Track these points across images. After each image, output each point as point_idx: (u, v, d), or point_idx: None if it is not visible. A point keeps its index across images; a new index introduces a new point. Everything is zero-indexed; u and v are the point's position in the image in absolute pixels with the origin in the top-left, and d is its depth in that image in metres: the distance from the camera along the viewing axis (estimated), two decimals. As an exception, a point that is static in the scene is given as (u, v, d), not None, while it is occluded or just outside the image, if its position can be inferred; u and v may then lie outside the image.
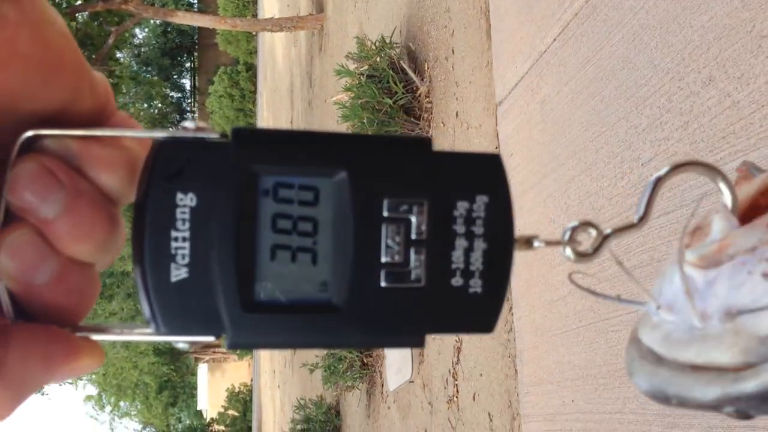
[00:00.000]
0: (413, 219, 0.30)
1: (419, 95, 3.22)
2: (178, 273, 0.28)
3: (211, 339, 0.29)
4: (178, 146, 0.28)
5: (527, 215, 2.03)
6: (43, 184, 0.26)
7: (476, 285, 0.31)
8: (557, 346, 1.82)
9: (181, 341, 0.29)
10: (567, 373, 1.77)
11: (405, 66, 3.27)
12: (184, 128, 0.28)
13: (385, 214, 0.30)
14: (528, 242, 0.32)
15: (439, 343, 2.90)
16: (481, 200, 0.31)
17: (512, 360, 2.13)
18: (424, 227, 0.30)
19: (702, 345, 0.30)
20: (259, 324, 0.29)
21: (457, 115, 2.78)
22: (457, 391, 2.63)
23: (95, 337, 0.28)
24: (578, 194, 1.76)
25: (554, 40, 1.91)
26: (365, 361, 4.19)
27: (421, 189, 0.30)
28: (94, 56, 11.97)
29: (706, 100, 1.27)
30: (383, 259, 0.30)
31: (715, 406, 0.30)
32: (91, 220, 0.27)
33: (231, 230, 0.28)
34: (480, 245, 0.31)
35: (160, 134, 0.28)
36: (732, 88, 1.21)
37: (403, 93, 3.21)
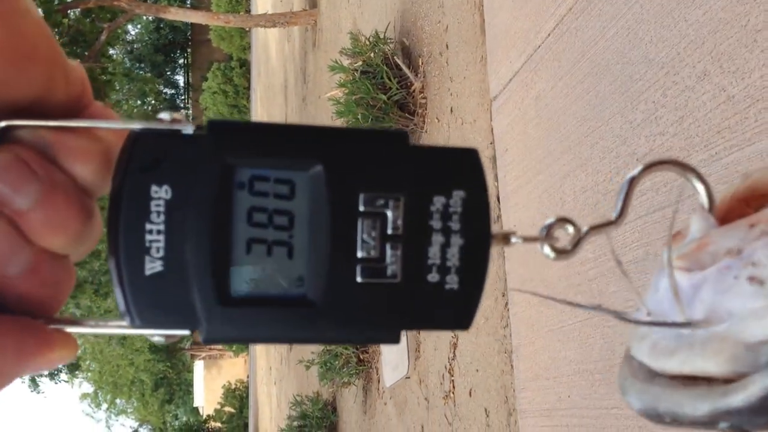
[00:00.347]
0: (389, 214, 0.30)
1: (413, 91, 3.22)
2: (153, 266, 0.28)
3: (186, 333, 0.29)
4: (154, 138, 0.28)
5: (522, 211, 2.03)
6: (16, 175, 0.26)
7: (453, 281, 0.31)
8: (553, 341, 1.82)
9: (156, 335, 0.29)
10: (563, 369, 1.77)
11: (399, 62, 3.26)
12: (160, 120, 0.28)
13: (361, 208, 0.30)
14: (505, 238, 0.32)
15: (435, 339, 2.90)
16: (458, 195, 0.31)
17: (508, 356, 2.13)
18: (400, 222, 0.30)
19: (688, 352, 0.29)
20: (234, 318, 0.29)
21: (451, 110, 2.77)
22: (454, 387, 2.64)
23: (69, 329, 0.28)
24: (573, 190, 1.76)
25: (549, 35, 1.90)
26: (361, 357, 4.20)
27: (397, 183, 0.30)
28: (86, 53, 11.91)
29: (701, 95, 1.27)
30: (359, 254, 0.30)
31: (708, 422, 0.29)
32: (65, 211, 0.26)
33: (206, 223, 0.28)
34: (457, 241, 0.31)
35: (135, 125, 0.28)
36: (727, 83, 1.20)
37: (397, 89, 3.20)
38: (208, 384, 24.74)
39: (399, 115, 3.24)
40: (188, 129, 0.28)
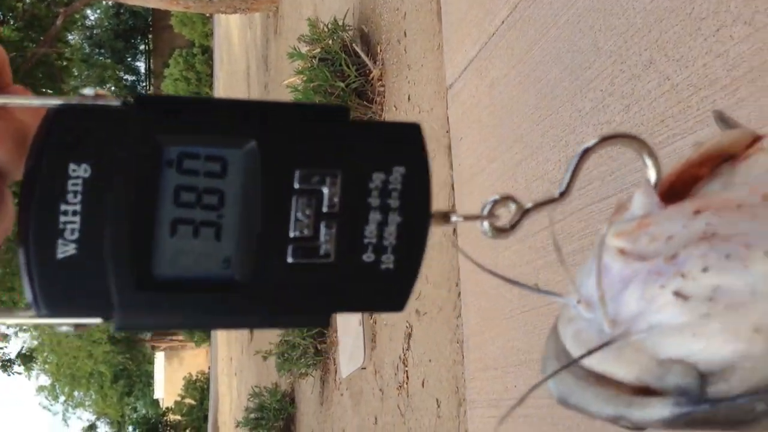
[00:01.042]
0: (325, 191, 0.28)
1: (372, 78, 3.18)
2: (66, 249, 0.26)
3: (97, 321, 0.27)
4: (75, 114, 0.26)
5: (477, 199, 2.01)
6: None
7: (388, 261, 0.30)
8: (502, 331, 1.82)
9: (64, 324, 0.27)
10: (510, 359, 1.76)
11: (357, 49, 3.22)
12: (83, 95, 0.26)
13: (297, 185, 0.28)
14: (445, 217, 0.31)
15: (390, 329, 2.89)
16: (398, 172, 0.29)
17: (460, 346, 2.12)
18: (336, 200, 0.29)
19: (603, 353, 0.30)
20: (152, 303, 0.27)
21: (409, 98, 2.75)
22: (407, 378, 2.63)
23: None
24: (525, 178, 1.75)
25: (502, 22, 1.89)
26: (319, 347, 4.17)
27: (335, 159, 0.29)
28: (42, 38, 11.58)
29: (647, 83, 1.27)
30: (291, 234, 0.28)
31: (610, 421, 0.31)
32: None
33: (127, 203, 0.26)
34: (395, 219, 0.29)
35: (54, 102, 0.26)
36: (671, 71, 1.20)
37: (355, 76, 3.16)
38: (168, 376, 24.45)
39: (357, 103, 3.20)
40: (113, 104, 0.26)
